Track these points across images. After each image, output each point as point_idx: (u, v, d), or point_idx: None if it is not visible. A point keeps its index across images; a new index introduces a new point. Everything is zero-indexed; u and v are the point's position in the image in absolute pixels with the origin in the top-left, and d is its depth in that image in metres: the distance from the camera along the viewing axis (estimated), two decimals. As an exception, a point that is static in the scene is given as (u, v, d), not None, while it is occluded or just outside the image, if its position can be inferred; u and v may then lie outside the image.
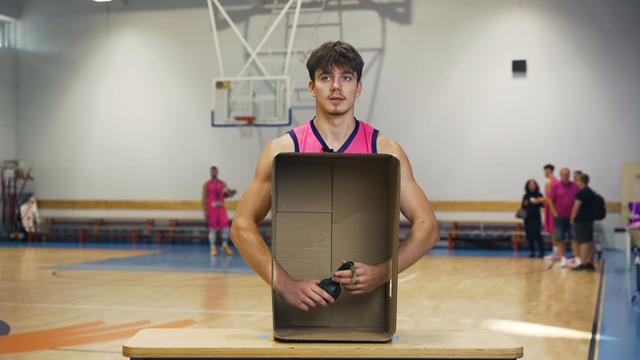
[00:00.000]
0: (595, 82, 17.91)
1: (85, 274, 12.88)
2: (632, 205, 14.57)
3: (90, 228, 21.11)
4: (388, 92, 19.04)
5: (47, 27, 21.72)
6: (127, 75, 20.87)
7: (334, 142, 2.86)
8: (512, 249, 18.15)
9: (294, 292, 2.63)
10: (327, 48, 2.79)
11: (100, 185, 20.92)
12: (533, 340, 7.34)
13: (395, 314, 2.56)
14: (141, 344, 2.50)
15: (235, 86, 17.32)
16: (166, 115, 20.50)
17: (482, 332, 2.72)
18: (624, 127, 17.74)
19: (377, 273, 2.66)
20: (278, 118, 17.04)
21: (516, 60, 18.24)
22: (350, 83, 2.81)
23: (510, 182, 18.05)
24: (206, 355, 2.45)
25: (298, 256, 2.77)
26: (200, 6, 19.63)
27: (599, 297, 10.25)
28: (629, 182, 17.62)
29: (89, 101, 21.21)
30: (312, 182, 2.77)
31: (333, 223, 2.78)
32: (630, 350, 7.31)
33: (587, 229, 13.50)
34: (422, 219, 2.81)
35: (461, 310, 9.05)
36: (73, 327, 7.93)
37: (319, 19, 19.22)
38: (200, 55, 20.01)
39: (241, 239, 2.80)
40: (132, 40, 20.92)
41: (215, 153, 20.00)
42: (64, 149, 21.30)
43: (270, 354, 2.46)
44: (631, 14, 17.81)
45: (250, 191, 2.86)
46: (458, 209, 18.60)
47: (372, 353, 2.46)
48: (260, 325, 8.08)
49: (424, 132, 18.73)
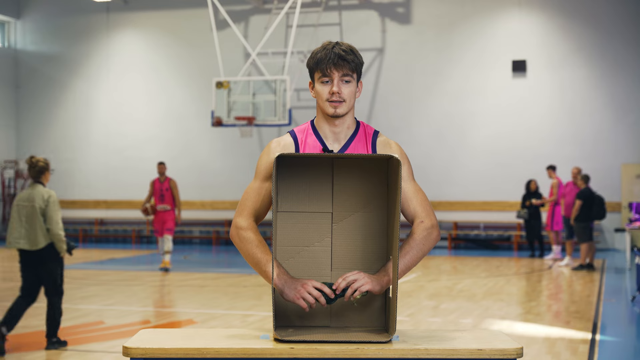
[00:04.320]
0: (595, 82, 17.90)
1: (85, 274, 12.88)
2: (632, 205, 14.57)
3: (90, 228, 21.11)
4: (388, 92, 19.04)
5: (47, 27, 21.72)
6: (127, 75, 20.87)
7: (334, 143, 2.86)
8: (512, 249, 18.14)
9: (294, 287, 2.63)
10: (326, 50, 2.78)
11: (100, 185, 20.92)
12: (533, 340, 7.34)
13: (395, 314, 2.56)
14: (141, 344, 2.50)
15: (235, 86, 17.32)
16: (166, 115, 20.50)
17: (482, 332, 2.72)
18: (624, 127, 17.73)
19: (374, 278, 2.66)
20: (278, 118, 17.04)
21: (516, 60, 18.24)
22: (350, 85, 2.80)
23: (510, 182, 18.04)
24: (206, 355, 2.45)
25: (298, 256, 2.77)
26: (200, 6, 19.63)
27: (599, 297, 10.25)
28: (629, 182, 17.62)
29: (89, 101, 21.21)
30: (312, 182, 2.77)
31: (333, 223, 2.78)
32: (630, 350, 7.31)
33: (587, 229, 13.50)
34: (422, 219, 2.81)
35: (461, 310, 9.05)
36: (73, 327, 7.93)
37: (319, 19, 19.21)
38: (200, 55, 20.01)
39: (241, 238, 2.80)
40: (132, 40, 20.92)
41: (215, 153, 20.00)
42: (64, 149, 21.30)
43: (270, 354, 2.46)
44: (631, 14, 17.81)
45: (250, 191, 2.86)
46: (458, 209, 18.60)
47: (372, 353, 2.45)
48: (260, 325, 8.08)
49: (424, 132, 18.73)
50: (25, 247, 6.80)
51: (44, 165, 6.94)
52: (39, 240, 6.76)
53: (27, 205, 6.83)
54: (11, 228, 6.85)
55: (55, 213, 6.78)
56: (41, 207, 6.79)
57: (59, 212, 6.88)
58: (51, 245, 6.82)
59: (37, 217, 6.76)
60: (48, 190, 6.89)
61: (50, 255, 6.83)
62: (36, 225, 6.76)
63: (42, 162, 6.92)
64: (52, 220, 6.75)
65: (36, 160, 6.92)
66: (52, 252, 6.83)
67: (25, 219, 6.80)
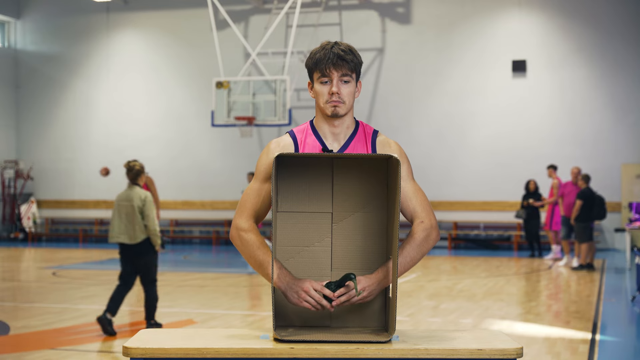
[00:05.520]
0: (595, 82, 17.91)
1: (85, 274, 12.88)
2: (632, 205, 14.57)
3: (90, 228, 21.11)
4: (388, 92, 19.04)
5: (47, 27, 21.72)
6: (127, 75, 20.87)
7: (334, 143, 2.86)
8: (512, 249, 18.15)
9: (296, 291, 2.63)
10: (325, 50, 2.77)
11: (100, 185, 20.91)
12: (533, 340, 7.34)
13: (395, 314, 2.56)
14: (141, 344, 2.50)
15: (235, 86, 17.32)
16: (166, 115, 20.50)
17: (482, 332, 2.72)
18: (624, 127, 17.74)
19: (374, 280, 2.67)
20: (278, 118, 17.04)
21: (516, 60, 18.25)
22: (349, 85, 2.80)
23: (510, 182, 18.05)
24: (206, 355, 2.45)
25: (298, 256, 2.77)
26: (200, 6, 19.63)
27: (599, 297, 10.25)
28: (629, 182, 17.62)
29: (89, 101, 21.21)
30: (312, 182, 2.77)
31: (333, 223, 2.77)
32: (630, 350, 7.31)
33: (587, 229, 13.50)
34: (422, 219, 2.81)
35: (461, 310, 9.05)
36: (73, 327, 7.93)
37: (319, 19, 19.21)
38: (200, 55, 20.01)
39: (242, 240, 2.80)
40: (132, 40, 20.92)
41: (215, 153, 20.00)
42: (64, 149, 21.30)
43: (270, 354, 2.46)
44: (631, 14, 17.81)
45: (250, 192, 2.86)
46: (458, 209, 18.60)
47: (372, 353, 2.45)
48: (260, 325, 8.09)
49: (424, 132, 18.73)
50: (125, 241, 7.68)
51: (140, 168, 7.81)
52: (138, 235, 7.63)
53: (127, 205, 7.67)
54: (112, 225, 7.72)
55: (152, 211, 7.66)
56: (139, 206, 7.63)
57: (154, 210, 7.74)
58: (147, 239, 7.69)
59: (136, 215, 7.61)
60: (144, 192, 7.75)
61: (147, 249, 7.72)
62: (135, 222, 7.62)
63: (138, 166, 7.80)
64: (149, 217, 7.63)
65: (133, 164, 7.79)
66: (148, 246, 7.72)
67: (125, 217, 7.66)
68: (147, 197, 7.67)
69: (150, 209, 7.64)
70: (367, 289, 2.65)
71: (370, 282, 2.66)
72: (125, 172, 7.82)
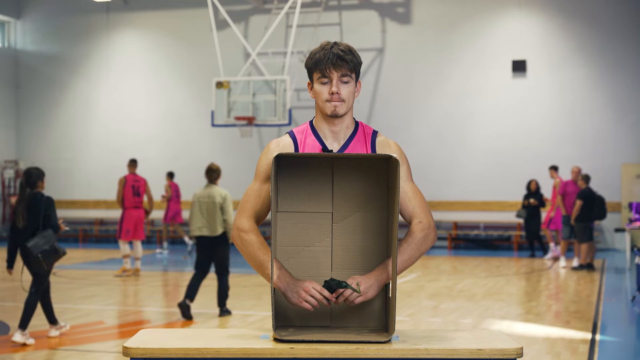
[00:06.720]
0: (595, 82, 17.90)
1: (85, 274, 12.88)
2: (632, 205, 14.56)
3: (90, 228, 21.11)
4: (388, 92, 19.04)
5: (47, 27, 21.72)
6: (127, 75, 20.87)
7: (334, 143, 2.86)
8: (512, 249, 18.14)
9: (296, 291, 2.63)
10: (325, 50, 2.78)
11: (100, 185, 20.91)
12: (533, 340, 7.34)
13: (394, 314, 2.57)
14: (141, 344, 2.50)
15: (235, 86, 17.32)
16: (166, 115, 20.50)
17: (482, 332, 2.72)
18: (624, 127, 17.73)
19: (374, 280, 2.67)
20: (278, 118, 17.04)
21: (516, 60, 18.24)
22: (349, 85, 2.81)
23: (510, 182, 18.04)
24: (206, 355, 2.45)
25: (298, 256, 2.77)
26: (200, 6, 19.63)
27: (599, 297, 10.25)
28: (629, 182, 17.62)
29: (89, 101, 21.21)
30: (312, 182, 2.77)
31: (333, 223, 2.78)
32: (630, 350, 7.31)
33: (587, 229, 13.50)
34: (421, 219, 2.82)
35: (461, 310, 9.05)
36: (73, 327, 7.93)
37: (319, 19, 19.21)
38: (200, 55, 20.01)
39: (243, 241, 2.80)
40: (132, 40, 20.92)
41: (215, 153, 20.00)
42: (64, 149, 21.30)
43: (270, 354, 2.46)
44: (631, 14, 17.81)
45: (251, 192, 2.86)
46: (458, 209, 18.60)
47: (372, 353, 2.46)
48: (260, 325, 8.09)
49: (424, 132, 18.73)
50: (206, 233, 8.53)
51: (217, 169, 8.75)
52: (217, 229, 8.49)
53: (208, 201, 8.56)
54: (193, 219, 8.56)
55: (231, 207, 8.52)
56: (220, 202, 8.53)
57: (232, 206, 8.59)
58: (224, 233, 8.53)
59: (217, 211, 8.50)
60: (224, 190, 8.67)
61: (223, 241, 8.57)
62: (215, 217, 8.49)
63: (216, 167, 8.74)
64: (229, 213, 8.51)
65: (215, 166, 8.73)
66: (225, 239, 8.57)
67: (205, 212, 8.52)
68: (226, 195, 8.57)
69: (230, 205, 8.53)
70: (368, 289, 2.66)
71: (370, 282, 2.66)
72: (205, 172, 8.70)
